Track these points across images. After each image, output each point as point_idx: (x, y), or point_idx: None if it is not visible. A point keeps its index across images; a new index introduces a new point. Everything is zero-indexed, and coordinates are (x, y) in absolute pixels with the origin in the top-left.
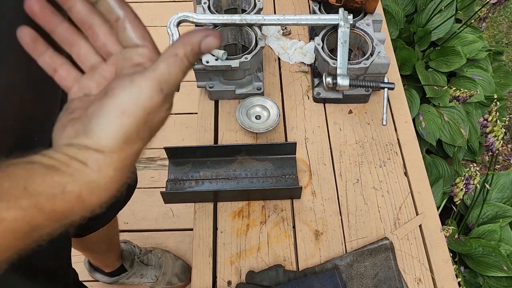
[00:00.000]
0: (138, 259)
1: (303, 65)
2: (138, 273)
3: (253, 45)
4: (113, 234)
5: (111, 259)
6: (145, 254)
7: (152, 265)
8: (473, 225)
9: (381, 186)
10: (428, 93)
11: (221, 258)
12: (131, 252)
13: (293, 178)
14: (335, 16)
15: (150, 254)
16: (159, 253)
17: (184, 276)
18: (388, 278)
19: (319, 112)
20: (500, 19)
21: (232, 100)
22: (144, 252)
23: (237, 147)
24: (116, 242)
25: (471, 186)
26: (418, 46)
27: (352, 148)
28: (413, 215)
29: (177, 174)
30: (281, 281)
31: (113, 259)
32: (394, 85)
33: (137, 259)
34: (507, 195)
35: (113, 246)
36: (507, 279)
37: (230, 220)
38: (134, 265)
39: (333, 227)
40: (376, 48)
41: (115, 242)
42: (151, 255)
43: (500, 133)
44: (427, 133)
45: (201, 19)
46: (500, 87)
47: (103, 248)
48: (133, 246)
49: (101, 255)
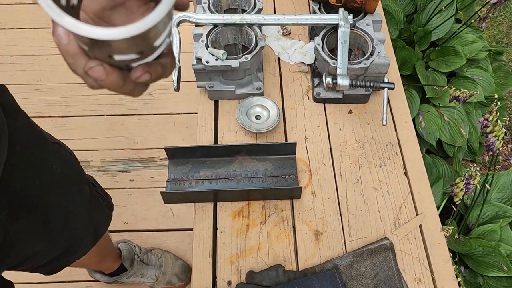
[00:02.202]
0: (138, 258)
1: (303, 65)
2: (138, 273)
3: (253, 45)
4: (103, 247)
5: (108, 263)
6: (145, 254)
7: (152, 265)
8: (473, 225)
9: (381, 186)
10: (428, 93)
11: (221, 258)
12: (131, 252)
13: (293, 178)
14: (335, 16)
15: (150, 254)
16: (159, 253)
17: (184, 276)
18: (388, 278)
19: (319, 112)
20: (500, 19)
21: (232, 100)
22: (144, 252)
23: (237, 147)
24: (110, 249)
25: (471, 186)
26: (418, 46)
27: (352, 148)
28: (413, 215)
29: (177, 174)
30: (281, 281)
31: (110, 263)
32: (394, 85)
33: (137, 258)
34: (507, 195)
35: (106, 253)
36: (507, 279)
37: (230, 220)
38: (134, 264)
39: (333, 227)
40: (376, 48)
41: (108, 249)
42: (151, 254)
43: (501, 133)
44: (427, 133)
45: (201, 19)
46: (500, 87)
47: (97, 260)
48: (133, 246)
49: (95, 265)
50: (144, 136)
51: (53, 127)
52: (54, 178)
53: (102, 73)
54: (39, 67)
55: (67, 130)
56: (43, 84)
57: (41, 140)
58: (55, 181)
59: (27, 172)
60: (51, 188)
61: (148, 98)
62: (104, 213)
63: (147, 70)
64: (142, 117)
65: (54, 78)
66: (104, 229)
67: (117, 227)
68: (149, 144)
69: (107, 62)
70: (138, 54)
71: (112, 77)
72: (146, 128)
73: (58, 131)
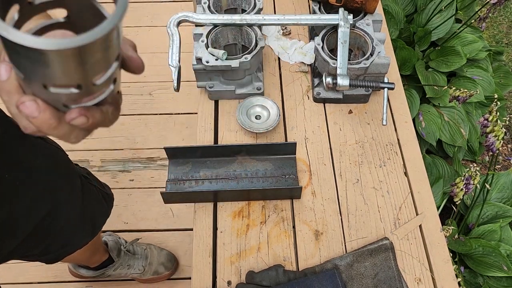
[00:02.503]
0: (124, 249)
1: (303, 65)
2: (125, 264)
3: (253, 45)
4: (95, 240)
5: (97, 258)
6: (130, 245)
7: (139, 255)
8: (473, 225)
9: (381, 186)
10: (428, 93)
11: (221, 258)
12: (117, 242)
13: (293, 178)
14: (335, 16)
15: (135, 245)
16: (143, 245)
17: (170, 264)
18: (388, 278)
19: (319, 112)
20: (500, 19)
21: (232, 100)
22: (129, 243)
23: (237, 147)
24: (99, 243)
25: (471, 186)
26: (418, 46)
27: (352, 148)
28: (413, 215)
29: (177, 174)
30: (281, 281)
31: (98, 257)
32: (394, 85)
33: (123, 249)
34: (507, 195)
35: (97, 248)
36: (507, 279)
37: (230, 220)
38: (121, 255)
39: (333, 227)
40: (376, 48)
41: (98, 244)
42: (136, 246)
43: (501, 133)
44: (427, 133)
45: (201, 19)
46: (500, 87)
47: (87, 255)
48: (118, 238)
49: (86, 261)
50: (144, 136)
51: None
52: (36, 174)
53: (34, 108)
54: None
55: None
56: None
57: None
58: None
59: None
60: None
61: (148, 98)
62: (100, 204)
63: (84, 113)
64: (142, 117)
65: None
66: (103, 220)
67: (117, 227)
68: (149, 144)
69: (43, 97)
70: (76, 89)
71: (45, 115)
72: (146, 128)
73: None
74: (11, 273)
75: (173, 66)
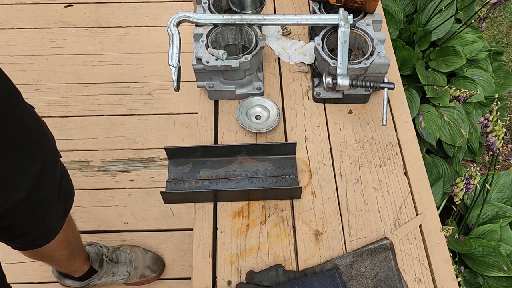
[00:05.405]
0: (106, 258)
1: (303, 65)
2: (109, 272)
3: (253, 45)
4: (73, 238)
5: (78, 263)
6: (113, 252)
7: (122, 262)
8: (473, 225)
9: (381, 186)
10: (428, 93)
11: (221, 258)
12: (98, 253)
13: (293, 178)
14: (335, 16)
15: (119, 251)
16: (127, 249)
17: (156, 267)
18: (388, 278)
19: (319, 112)
20: (500, 19)
21: (232, 100)
22: (112, 250)
23: (237, 147)
24: (79, 246)
25: (471, 186)
26: (418, 46)
27: (352, 148)
28: (413, 215)
29: (177, 174)
30: (281, 281)
31: (80, 263)
32: (394, 85)
33: (105, 258)
34: (507, 195)
35: (76, 250)
36: (507, 279)
37: (230, 220)
38: (104, 265)
39: (333, 227)
40: (376, 48)
41: (77, 245)
42: (120, 252)
43: (501, 133)
44: (427, 133)
45: (201, 19)
46: (500, 87)
47: (66, 254)
48: (100, 247)
49: (66, 262)
50: (144, 136)
51: (53, 127)
52: (33, 135)
53: None
54: (39, 67)
55: (67, 130)
56: (43, 84)
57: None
58: (34, 137)
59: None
60: (30, 141)
61: (148, 98)
62: (70, 187)
63: None
64: (142, 117)
65: (54, 78)
66: (71, 203)
67: (117, 227)
68: (149, 144)
69: None
70: None
71: None
72: (146, 128)
73: (58, 131)
74: (11, 273)
75: (173, 66)
